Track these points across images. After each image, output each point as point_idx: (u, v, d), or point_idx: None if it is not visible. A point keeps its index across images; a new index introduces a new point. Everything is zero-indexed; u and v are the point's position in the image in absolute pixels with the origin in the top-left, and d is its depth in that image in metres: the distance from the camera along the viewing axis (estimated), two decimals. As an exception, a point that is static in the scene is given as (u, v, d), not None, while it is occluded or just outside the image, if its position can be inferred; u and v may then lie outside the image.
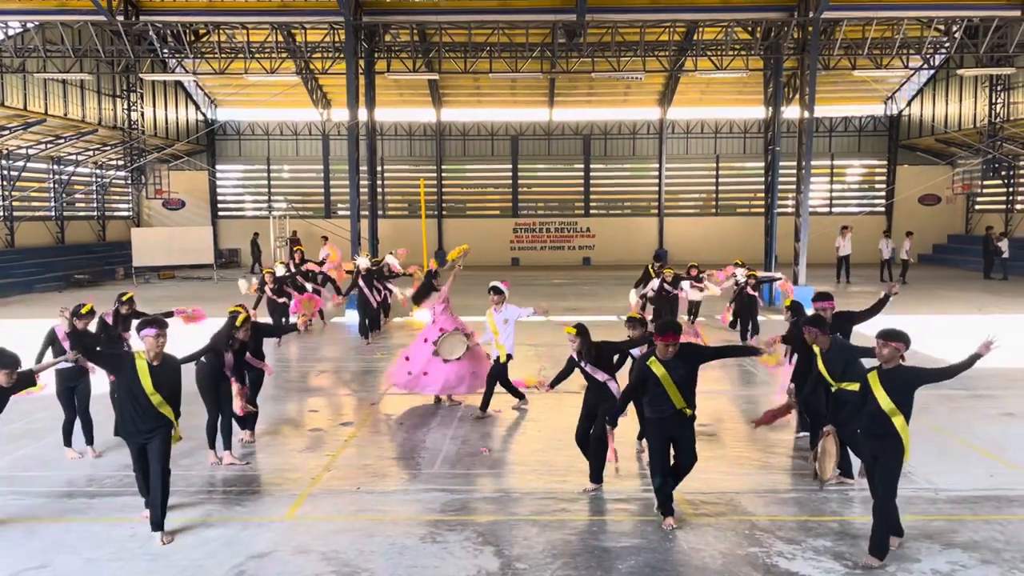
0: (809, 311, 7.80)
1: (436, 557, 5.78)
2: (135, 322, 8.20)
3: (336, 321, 17.75)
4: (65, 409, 8.10)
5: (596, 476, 7.05)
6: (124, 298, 9.30)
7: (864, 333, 8.02)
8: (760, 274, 15.61)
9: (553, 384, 7.55)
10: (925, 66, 25.19)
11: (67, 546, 5.98)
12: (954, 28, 21.80)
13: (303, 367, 13.11)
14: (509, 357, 9.64)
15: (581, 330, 7.25)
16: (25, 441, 8.61)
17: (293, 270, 16.08)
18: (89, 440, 8.23)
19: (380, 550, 5.88)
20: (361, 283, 15.02)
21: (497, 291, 9.75)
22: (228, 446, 7.90)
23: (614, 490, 7.07)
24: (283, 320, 14.14)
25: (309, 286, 15.73)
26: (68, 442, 8.17)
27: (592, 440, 7.05)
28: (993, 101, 26.37)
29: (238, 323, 7.81)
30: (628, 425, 9.02)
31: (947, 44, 22.48)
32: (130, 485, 7.22)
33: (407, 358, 10.15)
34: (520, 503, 6.85)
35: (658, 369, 6.20)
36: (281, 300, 14.38)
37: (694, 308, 16.55)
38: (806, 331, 7.03)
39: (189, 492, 7.09)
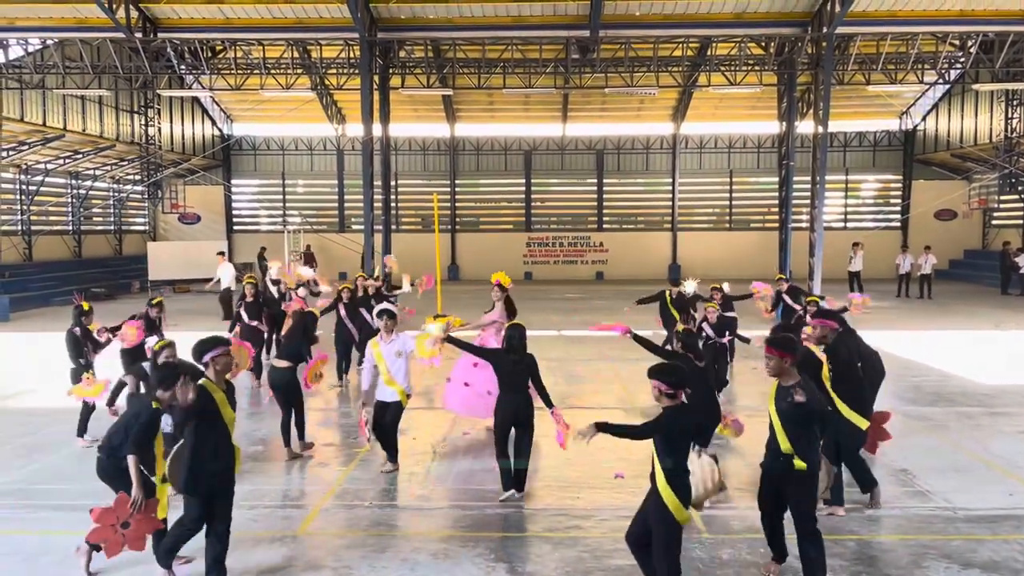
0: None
1: (448, 573, 5.74)
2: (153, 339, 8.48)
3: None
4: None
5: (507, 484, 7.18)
6: (154, 301, 9.64)
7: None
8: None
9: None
10: (940, 81, 25.12)
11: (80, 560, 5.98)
12: (969, 43, 21.76)
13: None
14: (407, 397, 7.99)
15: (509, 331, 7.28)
16: (38, 455, 8.65)
17: (272, 286, 14.54)
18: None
19: (392, 566, 5.85)
20: (342, 312, 12.47)
21: (390, 315, 8.02)
22: (301, 435, 8.63)
23: (627, 507, 6.99)
24: (259, 352, 11.90)
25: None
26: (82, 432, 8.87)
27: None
28: (1009, 116, 26.24)
29: (156, 347, 7.44)
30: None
31: (962, 59, 22.44)
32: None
33: (465, 383, 9.16)
34: (533, 520, 6.81)
35: (770, 390, 5.49)
36: (254, 323, 12.16)
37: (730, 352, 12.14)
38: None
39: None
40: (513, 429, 7.24)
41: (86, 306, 9.08)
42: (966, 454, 8.55)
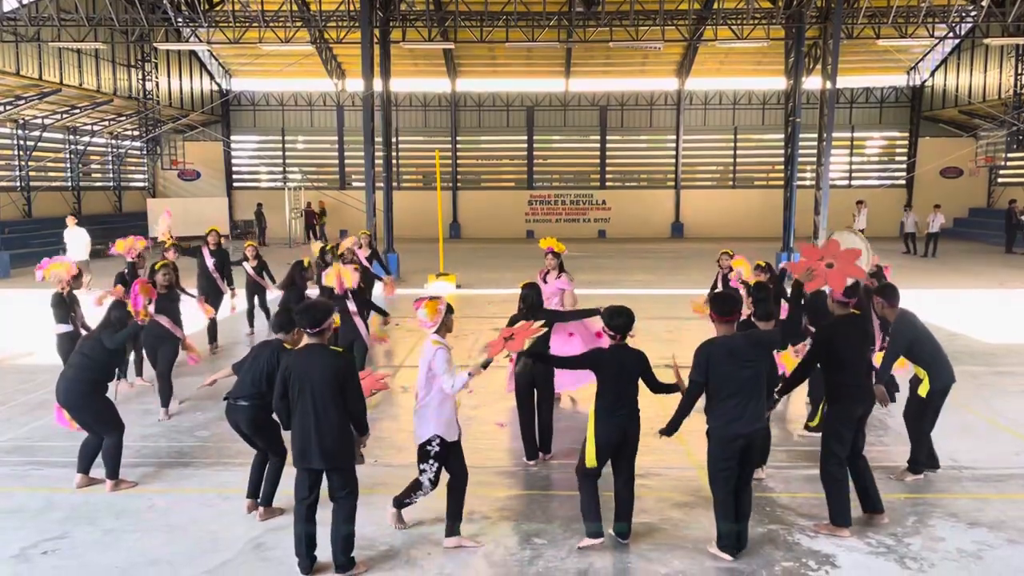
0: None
1: (454, 531, 5.74)
2: None
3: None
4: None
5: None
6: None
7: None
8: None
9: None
10: (950, 35, 24.65)
11: (85, 517, 5.99)
12: (982, -4, 21.30)
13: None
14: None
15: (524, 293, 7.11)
16: (44, 411, 8.62)
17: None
18: (165, 403, 8.47)
19: (397, 523, 5.85)
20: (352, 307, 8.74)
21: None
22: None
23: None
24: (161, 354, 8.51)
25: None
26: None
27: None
28: (1019, 72, 25.81)
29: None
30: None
31: (974, 13, 21.98)
32: (149, 455, 7.25)
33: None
34: (537, 477, 6.81)
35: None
36: (166, 323, 8.47)
37: None
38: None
39: (206, 463, 7.09)
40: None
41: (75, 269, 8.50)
42: (972, 413, 8.53)
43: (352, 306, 8.58)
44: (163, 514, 6.04)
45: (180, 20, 22.46)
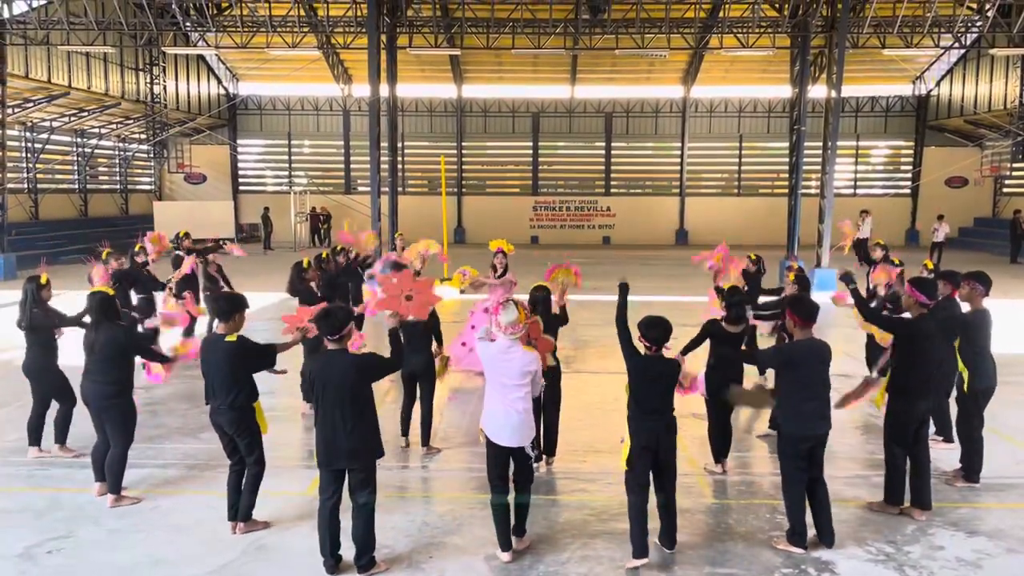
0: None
1: (455, 534, 5.77)
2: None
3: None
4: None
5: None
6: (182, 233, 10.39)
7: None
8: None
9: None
10: (956, 45, 24.67)
11: (90, 516, 6.04)
12: (987, 6, 21.34)
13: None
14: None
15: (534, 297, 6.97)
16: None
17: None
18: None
19: (400, 526, 5.88)
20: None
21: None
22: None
23: (633, 471, 7.03)
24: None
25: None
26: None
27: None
28: (1025, 82, 25.83)
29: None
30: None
31: (979, 23, 22.01)
32: (154, 458, 7.29)
33: (463, 343, 9.56)
34: (540, 482, 6.80)
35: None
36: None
37: None
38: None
39: (210, 465, 7.12)
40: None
41: (44, 279, 7.37)
42: (973, 422, 8.52)
43: None
44: (167, 514, 6.09)
45: (188, 25, 22.62)
